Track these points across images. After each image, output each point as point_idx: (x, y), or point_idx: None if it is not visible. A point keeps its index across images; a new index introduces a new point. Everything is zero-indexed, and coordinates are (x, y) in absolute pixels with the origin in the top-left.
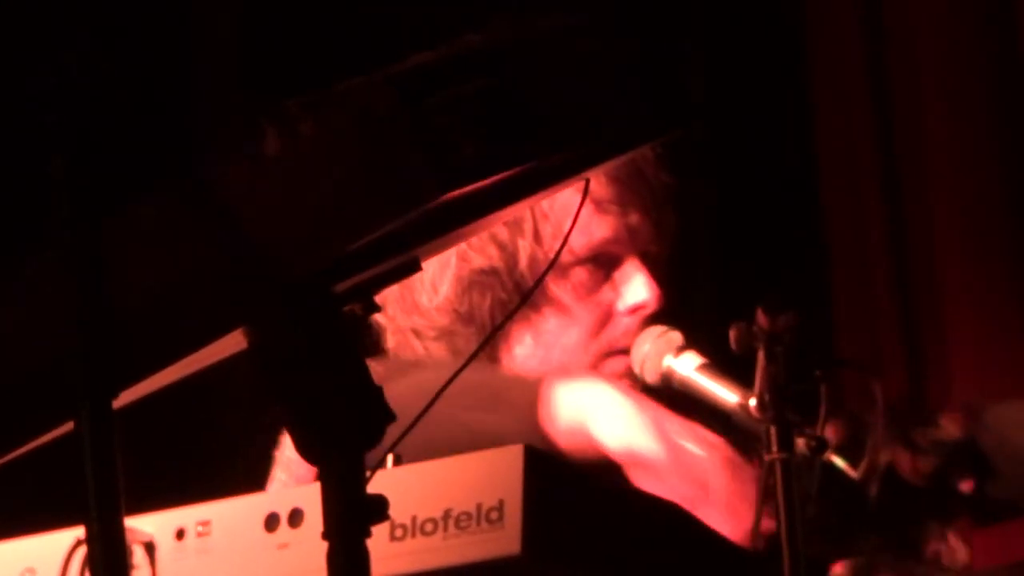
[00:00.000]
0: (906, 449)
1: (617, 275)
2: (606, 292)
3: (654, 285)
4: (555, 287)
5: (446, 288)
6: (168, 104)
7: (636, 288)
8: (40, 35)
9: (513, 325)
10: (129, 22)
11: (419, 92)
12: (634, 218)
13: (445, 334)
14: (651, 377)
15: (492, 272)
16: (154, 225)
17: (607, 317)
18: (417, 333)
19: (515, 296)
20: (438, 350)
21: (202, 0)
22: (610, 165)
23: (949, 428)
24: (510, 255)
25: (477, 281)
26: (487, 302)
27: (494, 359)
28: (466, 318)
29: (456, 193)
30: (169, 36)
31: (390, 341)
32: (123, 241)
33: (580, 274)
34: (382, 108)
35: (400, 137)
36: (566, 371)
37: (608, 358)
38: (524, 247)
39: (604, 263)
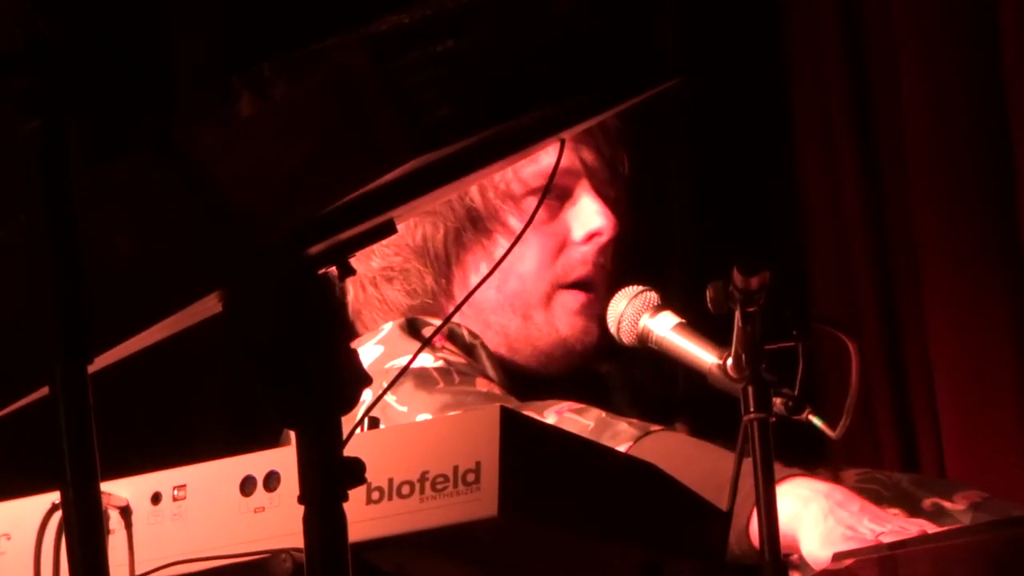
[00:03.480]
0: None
1: (570, 205)
2: (561, 222)
3: (609, 213)
4: (509, 215)
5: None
6: (145, 66)
7: (590, 215)
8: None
9: (467, 255)
10: None
11: (392, 53)
12: (587, 154)
13: (399, 272)
14: (627, 337)
15: (444, 201)
16: (127, 188)
17: (562, 246)
18: (371, 281)
19: (467, 224)
20: (393, 293)
21: None
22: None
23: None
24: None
25: (429, 211)
26: (440, 233)
27: (449, 293)
28: (419, 252)
29: (431, 154)
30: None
31: (349, 293)
32: (96, 205)
33: (533, 203)
34: (355, 70)
35: (373, 99)
36: (523, 301)
37: (563, 290)
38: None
39: (558, 194)
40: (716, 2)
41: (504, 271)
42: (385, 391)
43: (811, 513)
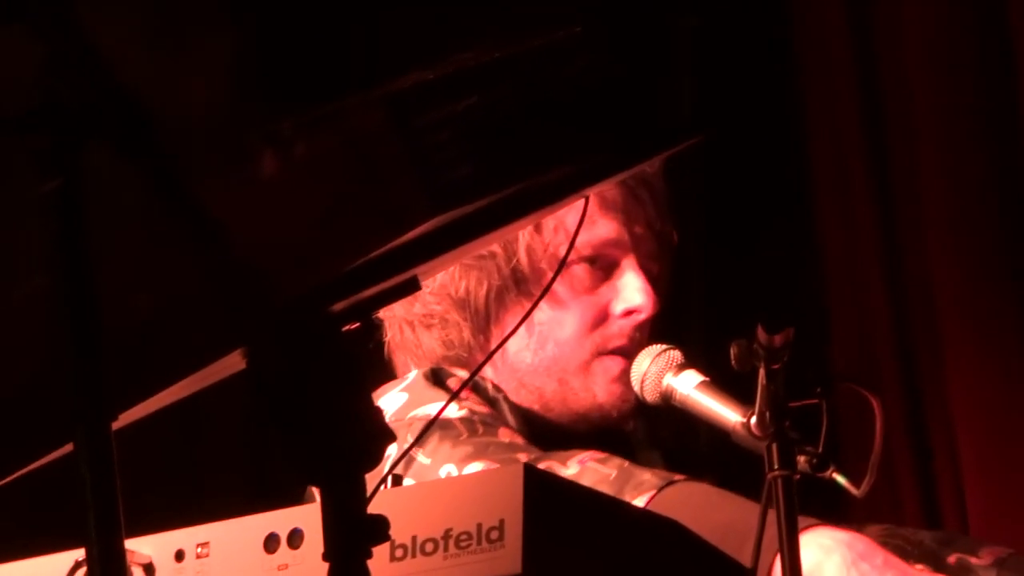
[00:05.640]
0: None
1: (616, 278)
2: (603, 292)
3: (651, 291)
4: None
5: (442, 272)
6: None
7: (632, 292)
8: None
9: (507, 314)
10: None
11: (413, 111)
12: (638, 228)
13: (438, 321)
14: (651, 396)
15: (490, 257)
16: (147, 247)
17: (603, 316)
18: (410, 324)
19: (510, 284)
20: (429, 340)
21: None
22: (609, 182)
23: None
24: (509, 243)
25: (474, 266)
26: (483, 289)
27: (485, 349)
28: (460, 304)
29: (451, 213)
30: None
31: (388, 333)
32: (117, 262)
33: (579, 271)
34: (375, 129)
35: (393, 158)
36: (560, 367)
37: (601, 356)
38: (523, 236)
39: (604, 265)
40: (731, 55)
41: (542, 336)
42: (411, 446)
43: (833, 563)
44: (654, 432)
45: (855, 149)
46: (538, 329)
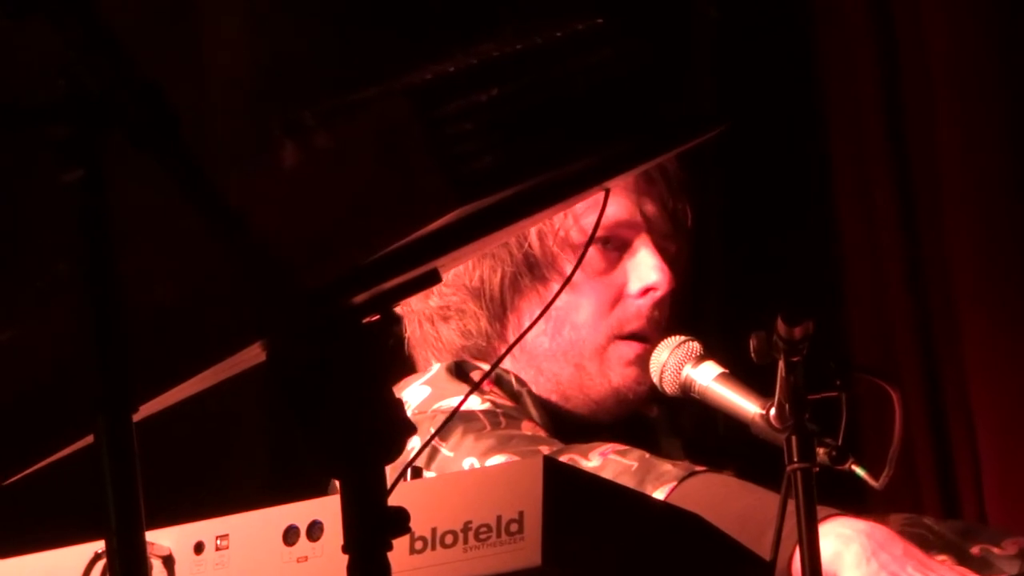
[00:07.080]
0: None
1: (628, 257)
2: (618, 274)
3: (665, 268)
4: (567, 264)
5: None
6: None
7: (647, 270)
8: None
9: (522, 301)
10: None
11: (435, 102)
12: (650, 207)
13: (455, 312)
14: (670, 388)
15: (502, 245)
16: (168, 238)
17: (618, 298)
18: (428, 318)
19: (524, 270)
20: (448, 332)
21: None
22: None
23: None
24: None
25: (487, 254)
26: (497, 277)
27: (503, 337)
28: (476, 294)
29: (474, 204)
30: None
31: (407, 329)
32: (138, 253)
33: (592, 253)
34: (397, 119)
35: (415, 148)
36: (577, 351)
37: (618, 341)
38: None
39: (617, 246)
40: (752, 45)
41: (558, 320)
42: (431, 438)
43: (852, 553)
44: (675, 420)
45: (875, 139)
46: (555, 314)
